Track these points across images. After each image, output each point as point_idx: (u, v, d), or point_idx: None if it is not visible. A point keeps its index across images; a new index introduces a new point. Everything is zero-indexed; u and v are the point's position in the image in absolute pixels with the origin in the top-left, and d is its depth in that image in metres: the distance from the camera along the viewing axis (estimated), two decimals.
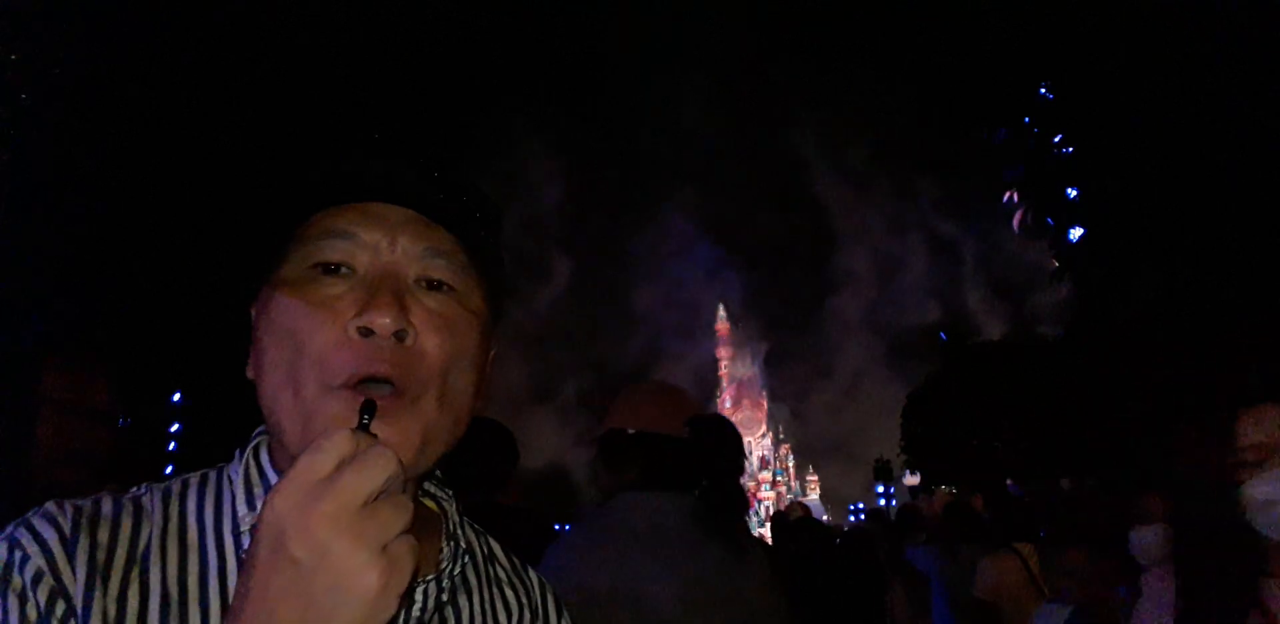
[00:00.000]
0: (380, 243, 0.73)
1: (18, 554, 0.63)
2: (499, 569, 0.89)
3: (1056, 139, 14.12)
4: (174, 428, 13.08)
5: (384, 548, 0.51)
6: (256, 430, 0.78)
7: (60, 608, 0.62)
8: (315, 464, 0.52)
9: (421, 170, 0.74)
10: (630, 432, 1.96)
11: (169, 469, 11.07)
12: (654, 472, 1.92)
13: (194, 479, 0.76)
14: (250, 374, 0.75)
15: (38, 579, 0.62)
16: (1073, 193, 14.15)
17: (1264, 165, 9.95)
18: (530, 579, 0.92)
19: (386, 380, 0.68)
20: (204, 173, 10.41)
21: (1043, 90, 14.17)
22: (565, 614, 0.93)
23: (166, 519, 0.71)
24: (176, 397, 13.05)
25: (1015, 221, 16.60)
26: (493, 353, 0.82)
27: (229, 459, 0.79)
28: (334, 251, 0.73)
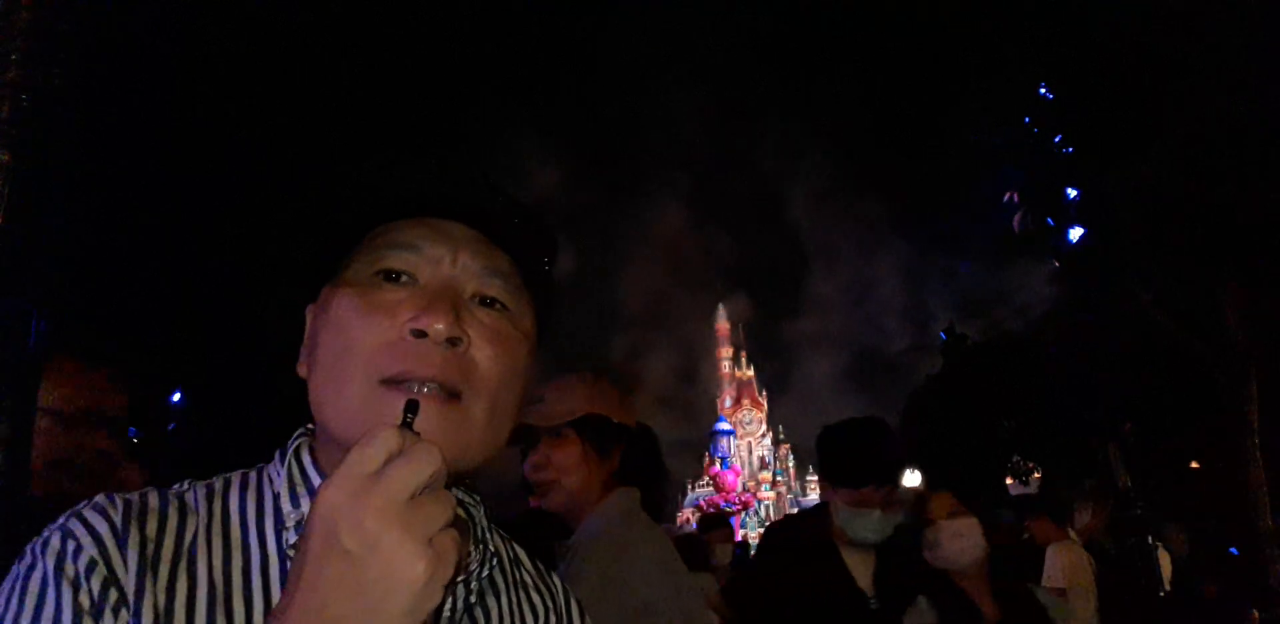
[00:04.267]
0: (443, 257, 0.76)
1: (71, 544, 0.65)
2: (525, 573, 0.91)
3: (1057, 139, 14.14)
4: (172, 427, 13.10)
5: (430, 540, 0.53)
6: (296, 432, 0.81)
7: (113, 596, 0.64)
8: (365, 459, 0.54)
9: (489, 192, 0.77)
10: (615, 421, 1.86)
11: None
12: (628, 467, 1.88)
13: (235, 478, 0.79)
14: (301, 372, 0.79)
15: (91, 568, 0.64)
16: (1073, 193, 14.16)
17: (1264, 164, 9.97)
18: (555, 584, 0.94)
19: (434, 381, 0.70)
20: (222, 170, 10.43)
21: (1043, 90, 14.19)
22: (588, 618, 0.95)
23: (210, 515, 0.74)
24: (176, 397, 13.07)
25: (1015, 222, 16.61)
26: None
27: (225, 462, 0.82)
28: (398, 262, 0.76)
